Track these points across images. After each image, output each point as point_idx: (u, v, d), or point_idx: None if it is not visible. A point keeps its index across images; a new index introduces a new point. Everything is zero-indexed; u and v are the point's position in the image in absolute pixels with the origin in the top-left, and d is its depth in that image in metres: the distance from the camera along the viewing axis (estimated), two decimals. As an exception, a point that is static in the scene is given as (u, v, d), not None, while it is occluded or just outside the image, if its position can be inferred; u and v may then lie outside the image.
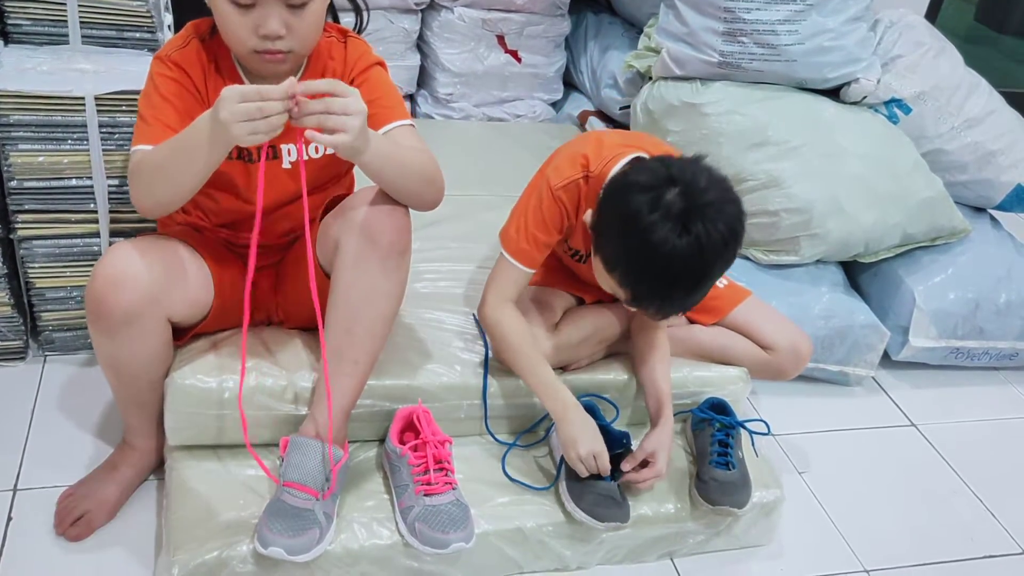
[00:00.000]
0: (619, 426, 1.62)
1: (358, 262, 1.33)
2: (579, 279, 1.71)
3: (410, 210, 1.39)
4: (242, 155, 1.40)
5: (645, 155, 1.47)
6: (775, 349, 1.71)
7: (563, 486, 1.50)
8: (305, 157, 1.40)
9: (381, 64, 1.44)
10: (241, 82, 1.35)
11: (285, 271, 1.53)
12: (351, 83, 1.36)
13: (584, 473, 1.46)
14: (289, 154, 1.41)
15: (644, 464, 1.51)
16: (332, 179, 1.51)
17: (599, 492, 1.46)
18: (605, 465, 1.46)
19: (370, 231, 1.32)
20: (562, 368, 1.64)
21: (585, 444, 1.46)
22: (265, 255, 1.50)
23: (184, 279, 1.37)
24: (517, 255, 1.53)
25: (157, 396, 1.45)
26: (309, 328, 1.55)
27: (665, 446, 1.51)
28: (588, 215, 1.42)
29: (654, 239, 1.28)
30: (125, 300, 1.28)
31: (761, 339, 1.71)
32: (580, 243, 1.59)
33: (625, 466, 1.50)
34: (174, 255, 1.37)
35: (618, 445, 1.53)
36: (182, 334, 1.46)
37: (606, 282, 1.42)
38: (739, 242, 1.31)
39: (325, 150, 1.42)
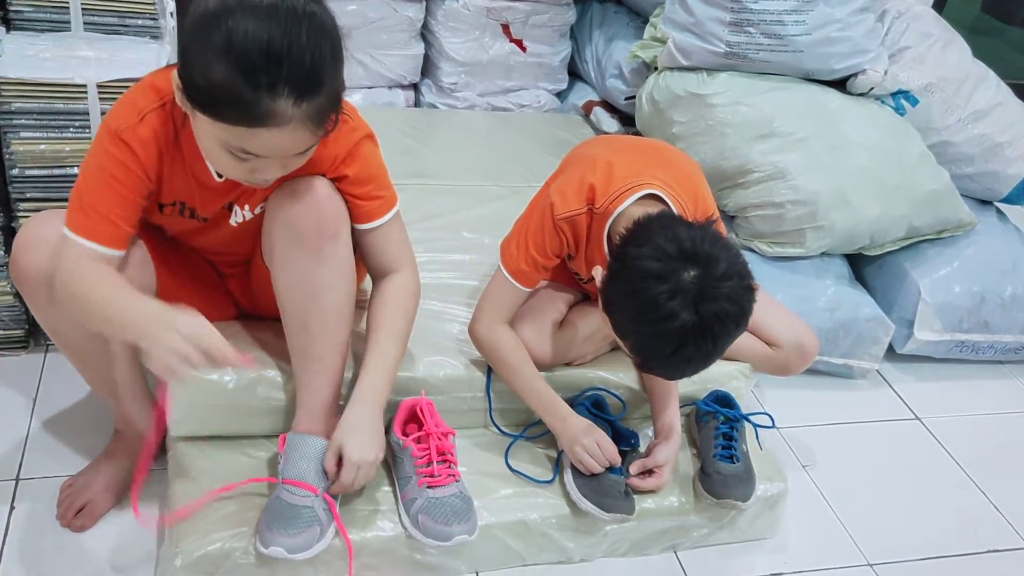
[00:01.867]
0: (627, 424, 1.61)
1: (291, 259, 1.30)
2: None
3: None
4: (184, 213, 1.36)
5: (656, 191, 1.41)
6: (780, 346, 1.69)
7: (568, 477, 1.50)
8: (253, 214, 1.38)
9: (368, 137, 1.34)
10: (206, 168, 1.27)
11: (250, 272, 1.52)
12: (336, 170, 1.31)
13: (596, 468, 1.45)
14: (235, 214, 1.37)
15: (650, 472, 1.51)
16: None
17: (605, 484, 1.46)
18: (610, 450, 1.46)
19: (295, 225, 1.28)
20: (567, 363, 1.63)
21: (587, 434, 1.46)
22: (229, 264, 1.51)
23: None
24: (516, 275, 1.50)
25: (122, 374, 1.44)
26: None
27: (673, 460, 1.53)
28: (598, 272, 1.36)
29: (669, 330, 1.23)
30: (36, 260, 1.27)
31: (767, 336, 1.70)
32: (583, 269, 1.56)
33: (633, 469, 1.50)
34: None
35: (625, 443, 1.53)
36: None
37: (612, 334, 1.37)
38: (748, 319, 1.28)
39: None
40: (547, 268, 1.51)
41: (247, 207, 1.36)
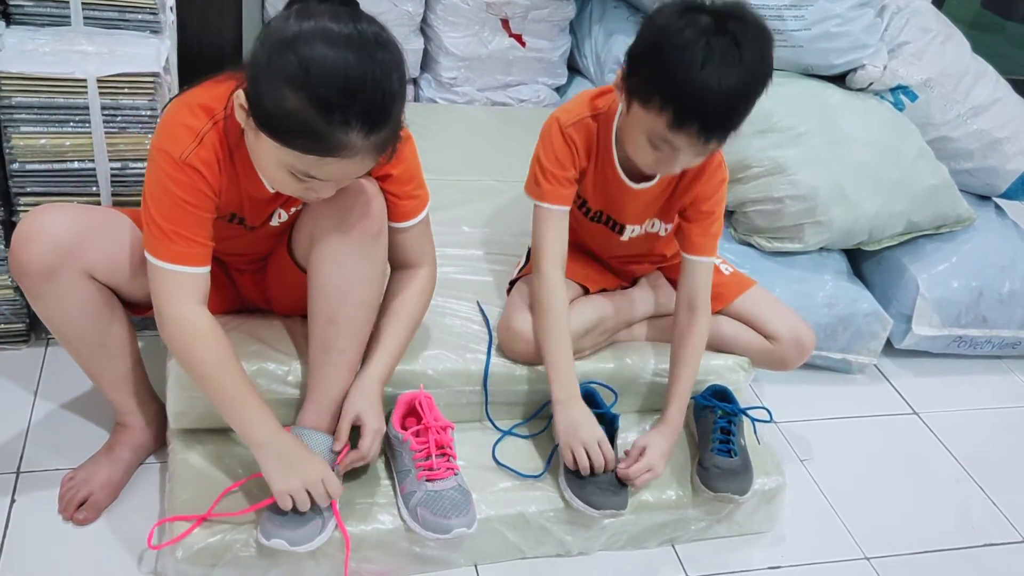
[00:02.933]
0: (619, 411, 1.61)
1: (333, 252, 1.32)
2: (584, 264, 1.70)
3: None
4: (235, 220, 1.37)
5: None
6: (778, 340, 1.70)
7: (561, 474, 1.50)
8: (291, 213, 1.40)
9: (409, 138, 1.36)
10: (259, 182, 1.29)
11: (267, 270, 1.52)
12: (381, 168, 1.32)
13: (585, 468, 1.44)
14: (278, 216, 1.39)
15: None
16: None
17: (597, 480, 1.46)
18: (609, 455, 1.46)
19: (341, 219, 1.30)
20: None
21: (588, 430, 1.46)
22: (246, 263, 1.51)
23: (101, 234, 1.32)
24: (549, 197, 1.53)
25: (123, 367, 1.45)
26: (303, 315, 1.54)
27: (656, 444, 1.51)
28: (617, 72, 1.40)
29: (688, 39, 1.27)
30: (36, 254, 1.27)
31: (764, 329, 1.71)
32: (590, 193, 1.59)
33: (623, 465, 1.49)
34: (94, 213, 1.35)
35: (609, 428, 1.54)
36: (141, 309, 1.44)
37: (643, 127, 1.37)
38: (772, 53, 1.33)
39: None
40: (570, 180, 1.54)
41: (291, 209, 1.38)
